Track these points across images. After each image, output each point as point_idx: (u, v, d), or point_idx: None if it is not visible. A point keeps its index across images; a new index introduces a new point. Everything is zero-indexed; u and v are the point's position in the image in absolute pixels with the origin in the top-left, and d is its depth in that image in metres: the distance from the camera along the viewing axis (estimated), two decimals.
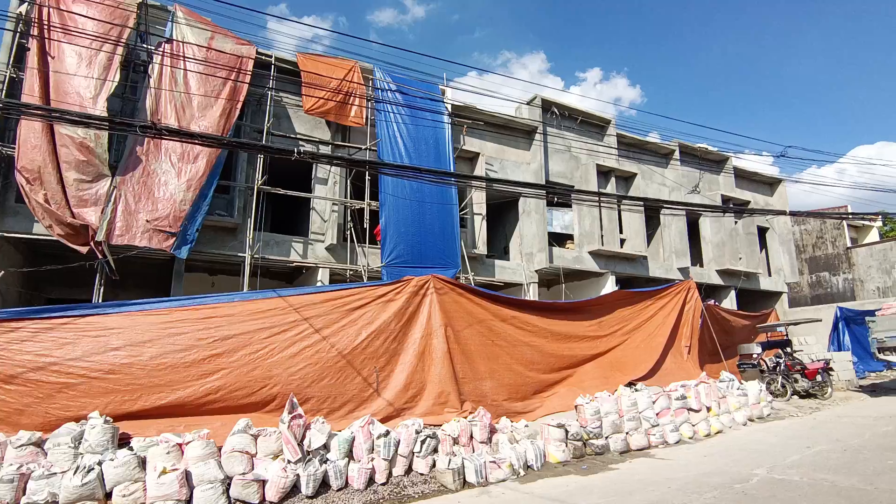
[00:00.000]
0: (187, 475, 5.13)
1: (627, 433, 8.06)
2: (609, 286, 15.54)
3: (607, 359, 10.06)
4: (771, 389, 12.00)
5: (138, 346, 6.39)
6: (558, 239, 16.00)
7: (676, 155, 18.14)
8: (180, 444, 5.38)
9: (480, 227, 13.88)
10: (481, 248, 13.70)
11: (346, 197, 12.35)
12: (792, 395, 12.27)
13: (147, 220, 9.07)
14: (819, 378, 12.34)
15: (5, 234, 9.08)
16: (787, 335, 15.01)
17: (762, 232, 20.98)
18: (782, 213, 16.17)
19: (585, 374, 9.68)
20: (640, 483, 6.09)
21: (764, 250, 21.14)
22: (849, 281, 26.22)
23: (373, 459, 6.16)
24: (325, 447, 6.09)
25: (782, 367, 12.59)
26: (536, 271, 14.70)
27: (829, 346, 16.64)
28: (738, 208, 18.30)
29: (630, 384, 9.47)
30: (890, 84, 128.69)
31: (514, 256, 15.36)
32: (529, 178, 14.95)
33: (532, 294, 14.29)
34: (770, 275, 20.80)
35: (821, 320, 15.92)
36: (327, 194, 12.10)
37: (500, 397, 8.56)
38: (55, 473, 4.95)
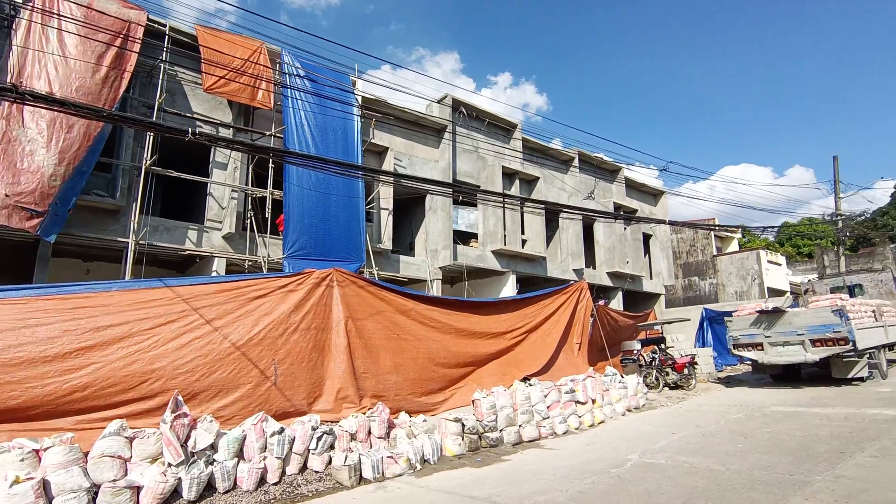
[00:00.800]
0: (45, 484, 4.58)
1: (521, 426, 8.46)
2: (510, 285, 16.20)
3: (507, 355, 10.48)
4: (647, 382, 13.18)
5: None
6: (463, 237, 16.38)
7: (576, 162, 19.31)
8: (38, 451, 4.79)
9: (386, 223, 13.82)
10: (387, 243, 13.65)
11: (247, 184, 11.71)
12: (664, 386, 13.59)
13: (6, 195, 7.94)
14: (686, 371, 13.77)
15: None
16: (662, 333, 16.59)
17: (646, 238, 23.00)
18: (663, 222, 17.85)
19: (486, 370, 10.01)
20: (530, 472, 6.42)
21: (647, 255, 23.20)
22: (714, 285, 29.55)
23: (265, 458, 5.91)
24: (213, 447, 5.74)
25: (657, 362, 13.90)
26: (441, 268, 14.94)
27: (696, 343, 18.63)
28: (628, 216, 19.90)
29: (525, 379, 9.95)
30: (752, 111, 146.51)
31: (419, 253, 15.48)
32: (437, 176, 15.13)
33: (436, 290, 14.50)
34: (652, 278, 22.86)
35: (689, 319, 17.81)
36: (227, 180, 11.39)
37: (406, 392, 8.60)
38: None
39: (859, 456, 6.10)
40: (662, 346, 15.32)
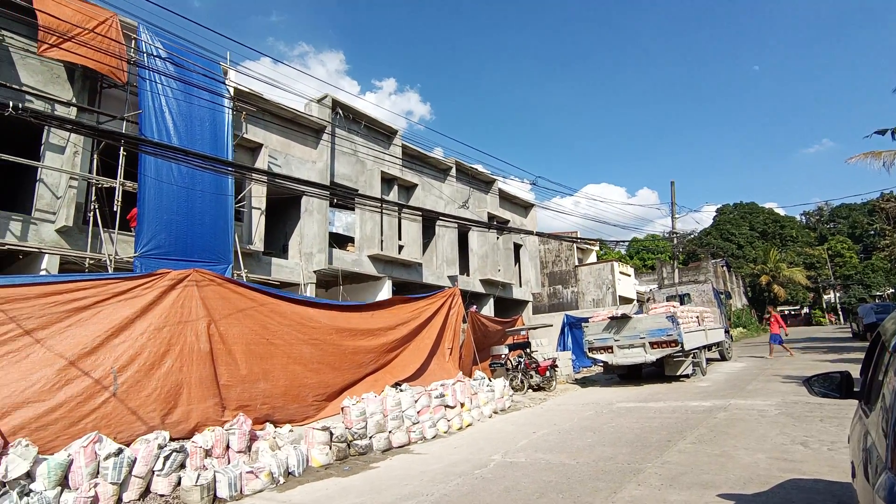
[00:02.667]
0: None
1: (391, 432, 8.44)
2: (386, 290, 16.18)
3: (381, 360, 10.37)
4: (513, 385, 13.94)
5: None
6: (339, 240, 16.06)
7: (453, 172, 19.93)
8: None
9: (258, 223, 13.08)
10: (258, 244, 12.91)
11: (91, 172, 10.32)
12: (528, 388, 14.47)
13: None
14: (548, 374, 14.81)
15: None
16: (528, 338, 17.69)
17: (517, 248, 24.44)
18: (532, 233, 19.11)
19: (360, 373, 9.80)
20: (397, 479, 6.43)
21: (518, 264, 24.65)
22: (575, 293, 32.28)
23: (96, 485, 5.20)
24: (29, 475, 4.93)
25: (522, 366, 14.77)
26: (315, 272, 14.48)
27: (557, 347, 20.14)
28: (500, 226, 20.98)
29: (396, 385, 9.96)
30: (613, 134, 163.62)
31: (293, 255, 14.87)
32: (314, 177, 14.68)
33: (310, 295, 14.00)
34: (521, 285, 24.31)
35: (552, 325, 19.23)
36: (63, 166, 9.94)
37: (276, 401, 8.06)
38: None
39: (681, 443, 7.03)
40: (528, 350, 16.33)
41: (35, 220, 9.67)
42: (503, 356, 15.29)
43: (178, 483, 5.83)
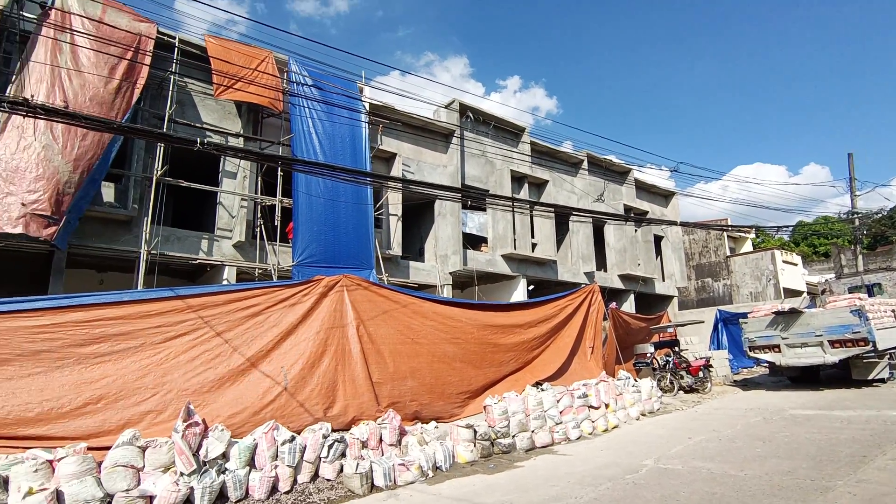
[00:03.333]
0: (59, 495, 4.60)
1: (533, 431, 8.37)
2: (520, 289, 16.11)
3: (521, 360, 10.35)
4: (661, 386, 13.02)
5: (4, 352, 5.62)
6: (472, 241, 16.35)
7: (585, 165, 19.21)
8: (51, 461, 4.82)
9: (395, 228, 13.84)
10: (396, 249, 13.65)
11: (256, 192, 11.78)
12: (678, 390, 13.41)
13: (23, 204, 8.02)
14: (701, 374, 13.58)
15: None
16: (675, 335, 16.39)
17: (658, 240, 22.79)
18: (675, 223, 17.69)
19: (501, 373, 9.87)
20: (542, 479, 6.34)
21: (659, 257, 22.98)
22: (728, 286, 29.16)
23: (276, 467, 5.90)
24: (225, 456, 5.74)
25: (671, 365, 13.72)
26: (450, 273, 14.90)
27: (710, 345, 18.38)
28: (639, 217, 19.75)
29: (537, 384, 9.86)
30: (766, 109, 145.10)
31: (429, 258, 15.47)
32: (446, 181, 15.13)
33: (446, 295, 14.46)
34: (664, 280, 22.63)
35: (703, 322, 17.58)
36: (236, 189, 11.48)
37: (422, 398, 8.46)
38: None
39: (881, 459, 5.95)
40: (676, 348, 15.14)
41: (217, 237, 11.29)
42: (648, 355, 14.36)
43: (341, 470, 6.38)
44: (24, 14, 9.02)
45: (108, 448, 5.28)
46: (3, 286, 10.12)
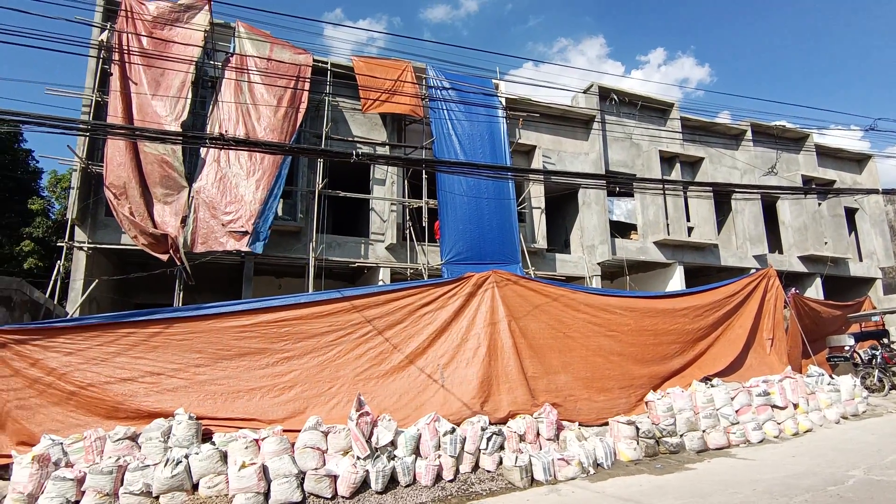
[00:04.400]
0: (265, 469, 5.37)
1: (704, 431, 7.66)
2: (677, 277, 14.86)
3: (686, 352, 9.51)
4: (866, 384, 11.06)
5: (218, 348, 6.74)
6: (621, 229, 15.47)
7: (748, 135, 17.03)
8: (257, 440, 5.64)
9: (539, 221, 13.66)
10: (541, 242, 13.48)
11: (403, 196, 12.51)
12: (890, 389, 11.27)
13: (223, 224, 9.57)
14: None
15: (97, 246, 9.89)
16: (883, 325, 13.73)
17: (850, 213, 19.31)
18: (874, 191, 14.76)
19: (666, 367, 9.18)
20: (721, 484, 5.76)
21: (853, 233, 19.45)
22: None
23: (439, 456, 6.19)
24: (393, 444, 6.18)
25: (879, 360, 11.58)
26: (599, 264, 14.29)
27: None
28: (822, 188, 16.96)
29: (705, 379, 8.99)
30: None
31: (575, 249, 15.00)
32: (588, 169, 14.54)
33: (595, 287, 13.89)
34: (861, 260, 19.12)
35: None
36: (385, 194, 12.31)
37: (578, 392, 8.24)
38: (148, 465, 5.33)
39: None
40: (885, 340, 12.69)
41: (371, 241, 12.23)
42: (847, 348, 12.25)
43: (500, 462, 6.48)
44: (214, 62, 10.68)
45: (297, 431, 6.03)
46: (205, 293, 12.12)
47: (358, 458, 5.78)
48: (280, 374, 6.89)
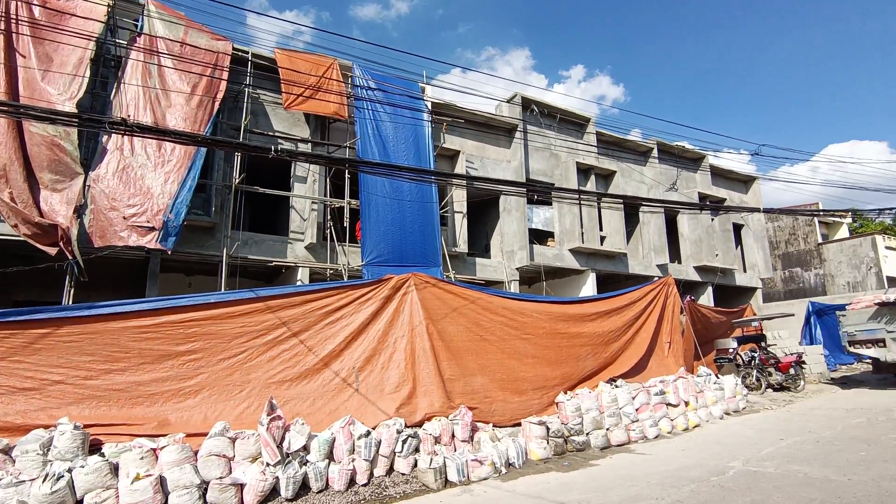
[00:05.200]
0: (162, 481, 5.01)
1: (608, 429, 8.14)
2: (590, 283, 15.69)
3: (596, 355, 10.04)
4: (746, 383, 12.25)
5: (114, 351, 6.20)
6: (539, 236, 16.09)
7: (655, 153, 18.38)
8: (154, 450, 5.25)
9: (461, 226, 13.87)
10: (462, 246, 13.69)
11: (325, 195, 12.22)
12: (766, 388, 12.55)
13: (125, 217, 8.82)
14: (792, 371, 12.63)
15: None
16: (761, 330, 15.33)
17: (737, 229, 21.40)
18: (756, 210, 16.51)
19: (577, 370, 9.61)
20: (621, 478, 6.15)
21: (739, 247, 21.58)
22: (820, 276, 26.90)
23: (354, 460, 6.10)
24: (305, 449, 6.01)
25: (757, 362, 12.87)
26: (517, 269, 14.76)
27: (802, 340, 17.05)
28: (715, 205, 18.63)
29: (611, 381, 9.56)
30: (862, 83, 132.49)
31: (495, 254, 15.39)
32: (510, 176, 14.98)
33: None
34: (745, 271, 21.24)
35: (793, 315, 16.33)
36: (307, 193, 11.96)
37: (494, 394, 8.42)
38: (24, 481, 4.79)
39: None
40: (763, 343, 14.17)
41: (290, 240, 11.82)
42: (731, 351, 13.53)
43: (415, 465, 6.50)
44: (118, 41, 9.84)
45: (202, 434, 5.69)
46: (104, 290, 11.13)
47: (268, 464, 5.56)
48: (185, 378, 6.48)
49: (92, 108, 9.46)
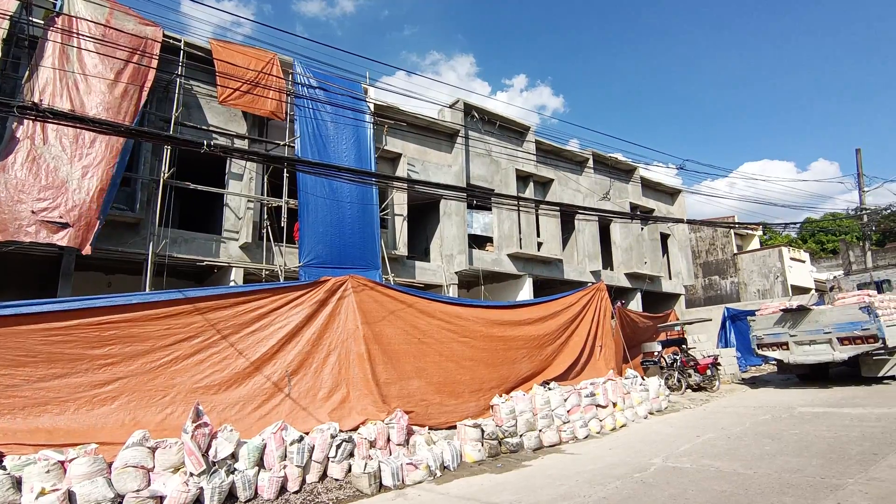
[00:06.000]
0: (70, 495, 4.64)
1: (541, 430, 8.36)
2: (527, 288, 16.09)
3: (531, 358, 10.29)
4: (668, 384, 12.96)
5: (18, 355, 5.69)
6: (478, 241, 16.34)
7: (590, 163, 19.15)
8: (63, 462, 4.86)
9: (401, 229, 13.85)
10: (402, 249, 13.67)
11: (262, 194, 11.84)
12: (686, 388, 13.34)
13: (33, 212, 8.14)
14: (709, 372, 13.50)
15: None
16: (683, 334, 16.31)
17: (664, 238, 22.70)
18: (681, 221, 17.60)
19: (512, 372, 9.81)
20: (551, 478, 6.34)
21: (666, 255, 22.89)
22: (735, 284, 29.02)
23: (285, 467, 5.92)
24: (234, 456, 5.77)
25: (678, 364, 13.66)
26: (456, 273, 14.90)
27: (718, 343, 18.28)
28: (645, 215, 19.66)
29: (544, 383, 9.83)
30: (777, 106, 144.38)
31: (435, 258, 15.47)
32: (451, 181, 15.13)
33: (452, 295, 14.46)
34: (671, 278, 22.53)
35: (711, 320, 17.50)
36: (242, 190, 11.53)
37: (431, 397, 8.42)
38: None
39: (893, 457, 5.91)
40: (684, 346, 15.07)
41: (224, 238, 11.34)
42: (656, 353, 14.29)
43: (349, 470, 6.40)
44: (33, 20, 9.10)
45: (120, 444, 5.33)
46: (11, 289, 10.21)
47: (191, 474, 5.29)
48: (101, 384, 6.03)
49: (1, 90, 8.69)
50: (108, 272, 12.48)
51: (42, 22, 9.05)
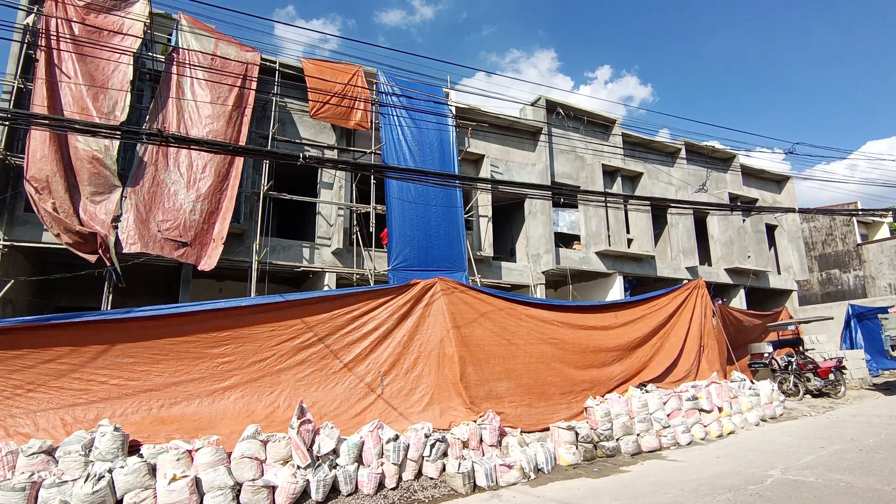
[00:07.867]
0: (197, 482, 5.13)
1: (638, 435, 7.99)
2: (617, 286, 15.47)
3: (624, 360, 9.89)
4: (783, 389, 11.88)
5: (154, 353, 6.41)
6: (565, 240, 15.95)
7: (683, 154, 18.04)
8: (190, 451, 5.38)
9: (486, 230, 13.86)
10: (487, 250, 13.67)
11: (351, 201, 12.36)
12: (804, 394, 12.15)
13: (158, 231, 9.13)
14: (832, 377, 12.20)
15: (15, 244, 9.16)
16: (799, 333, 14.86)
17: (771, 230, 20.81)
18: (791, 210, 16.01)
19: (603, 374, 9.48)
20: (652, 485, 6.03)
21: (773, 248, 20.97)
22: (860, 278, 25.95)
23: (382, 464, 6.13)
24: (335, 452, 6.07)
25: (794, 366, 12.47)
26: (543, 272, 14.65)
27: (842, 344, 16.47)
28: (746, 206, 18.17)
29: (641, 385, 9.39)
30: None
31: (521, 258, 15.31)
32: (535, 179, 14.92)
33: (539, 295, 14.24)
34: (779, 273, 20.63)
35: (832, 318, 15.78)
36: (333, 198, 12.12)
37: (520, 399, 8.36)
38: (66, 481, 4.97)
39: None
40: (800, 348, 13.73)
41: (317, 245, 11.99)
42: (766, 355, 13.15)
43: (443, 469, 6.49)
44: (155, 55, 10.18)
45: (236, 434, 5.81)
46: (140, 295, 11.47)
47: (298, 467, 5.63)
48: (218, 380, 6.63)
49: (128, 120, 9.81)
50: (219, 279, 13.63)
51: (162, 57, 10.10)
